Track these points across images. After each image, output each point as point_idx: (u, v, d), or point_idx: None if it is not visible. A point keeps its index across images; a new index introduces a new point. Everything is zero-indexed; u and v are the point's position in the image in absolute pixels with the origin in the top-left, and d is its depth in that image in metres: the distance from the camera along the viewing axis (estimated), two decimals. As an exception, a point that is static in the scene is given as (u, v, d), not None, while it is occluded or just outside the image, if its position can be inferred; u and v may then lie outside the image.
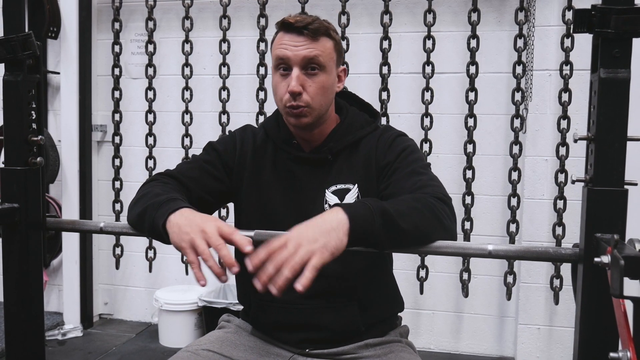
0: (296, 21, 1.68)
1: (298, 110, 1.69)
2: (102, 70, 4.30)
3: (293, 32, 1.69)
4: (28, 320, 1.72)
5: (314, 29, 1.68)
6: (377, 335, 1.81)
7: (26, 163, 1.69)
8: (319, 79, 1.70)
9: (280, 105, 1.75)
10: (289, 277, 1.26)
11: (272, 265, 1.27)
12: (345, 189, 1.76)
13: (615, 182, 1.29)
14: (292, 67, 1.69)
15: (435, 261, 3.87)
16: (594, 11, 1.28)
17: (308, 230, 1.33)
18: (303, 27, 1.67)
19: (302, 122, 1.72)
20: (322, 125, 1.79)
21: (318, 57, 1.69)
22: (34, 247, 1.71)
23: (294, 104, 1.69)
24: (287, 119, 1.75)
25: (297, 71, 1.68)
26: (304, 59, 1.68)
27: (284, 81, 1.71)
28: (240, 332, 1.87)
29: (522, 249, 1.48)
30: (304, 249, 1.28)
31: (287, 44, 1.69)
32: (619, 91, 1.28)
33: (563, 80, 3.41)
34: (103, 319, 4.50)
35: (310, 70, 1.69)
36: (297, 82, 1.67)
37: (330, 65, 1.74)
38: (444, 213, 1.48)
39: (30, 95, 1.70)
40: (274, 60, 1.73)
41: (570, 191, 3.44)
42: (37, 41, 1.67)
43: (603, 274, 1.14)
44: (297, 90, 1.67)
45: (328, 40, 1.73)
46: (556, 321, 3.73)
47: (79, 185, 4.19)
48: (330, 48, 1.73)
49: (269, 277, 1.27)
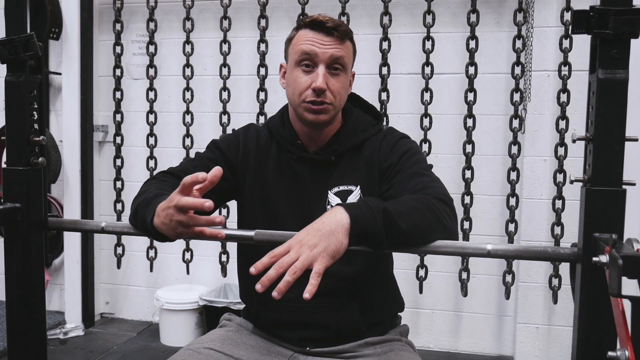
0: (327, 21, 1.70)
1: (321, 106, 1.70)
2: (103, 71, 4.31)
3: (322, 32, 1.70)
4: (30, 320, 1.73)
5: (343, 31, 1.71)
6: (377, 334, 1.82)
7: (28, 163, 1.69)
8: (340, 78, 1.73)
9: (298, 100, 1.74)
10: (290, 281, 1.28)
11: (274, 270, 1.29)
12: (348, 191, 1.76)
13: (614, 182, 1.29)
14: (318, 64, 1.70)
15: (435, 261, 3.87)
16: (593, 12, 1.28)
17: (309, 236, 1.34)
18: (333, 28, 1.70)
19: (321, 118, 1.72)
20: (330, 125, 1.80)
21: (344, 58, 1.72)
22: (35, 247, 1.72)
23: (317, 99, 1.70)
24: (303, 114, 1.74)
25: (323, 69, 1.70)
26: (331, 57, 1.70)
27: (307, 76, 1.71)
28: (241, 331, 1.87)
29: (521, 249, 1.48)
30: (305, 255, 1.30)
31: (315, 42, 1.70)
32: (617, 92, 1.28)
33: (561, 81, 3.41)
34: (104, 318, 4.50)
35: (333, 69, 1.71)
36: (323, 80, 1.69)
37: (349, 68, 1.77)
38: (444, 213, 1.48)
39: (32, 95, 1.70)
40: (298, 55, 1.73)
41: (569, 191, 3.44)
42: (39, 42, 1.67)
43: (601, 274, 1.14)
44: (323, 87, 1.68)
45: (350, 45, 1.76)
46: (555, 320, 3.73)
47: (80, 185, 4.19)
48: (351, 51, 1.78)
49: (270, 280, 1.28)
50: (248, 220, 1.83)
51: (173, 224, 1.43)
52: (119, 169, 4.15)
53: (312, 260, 1.30)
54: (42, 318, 1.78)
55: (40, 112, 1.73)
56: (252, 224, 1.77)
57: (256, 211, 1.81)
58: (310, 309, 1.75)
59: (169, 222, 1.44)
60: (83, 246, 4.24)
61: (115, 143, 4.15)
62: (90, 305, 4.35)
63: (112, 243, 4.25)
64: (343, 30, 1.71)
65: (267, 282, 1.28)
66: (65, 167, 4.16)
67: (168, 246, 4.13)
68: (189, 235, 1.45)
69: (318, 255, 1.31)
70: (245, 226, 1.82)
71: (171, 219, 1.43)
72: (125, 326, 4.36)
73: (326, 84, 1.69)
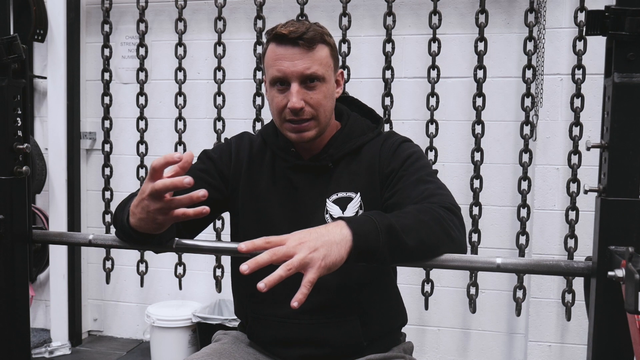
0: (290, 32, 1.66)
1: (301, 125, 1.70)
2: (91, 75, 4.31)
3: (287, 44, 1.68)
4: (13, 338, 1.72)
5: (309, 38, 1.67)
6: (379, 351, 1.81)
7: (11, 172, 1.69)
8: (319, 89, 1.71)
9: (279, 121, 1.75)
10: (283, 276, 1.23)
11: (267, 255, 1.25)
12: (347, 198, 1.75)
13: (630, 192, 1.29)
14: (291, 82, 1.68)
15: (441, 275, 3.86)
16: (608, 12, 1.28)
17: (311, 236, 1.31)
18: (297, 38, 1.66)
19: (305, 136, 1.72)
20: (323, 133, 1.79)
21: (317, 72, 1.69)
22: (19, 261, 1.71)
23: (295, 118, 1.69)
24: (286, 134, 1.75)
25: (296, 86, 1.68)
26: (302, 75, 1.68)
27: (282, 95, 1.71)
28: (237, 344, 1.87)
29: (532, 262, 1.48)
30: (303, 254, 1.26)
31: (283, 59, 1.68)
32: (634, 96, 1.28)
33: (575, 85, 3.41)
34: (92, 336, 4.49)
35: (309, 82, 1.69)
36: (298, 98, 1.67)
37: (329, 74, 1.74)
38: (452, 225, 1.48)
39: (16, 101, 1.70)
40: (270, 78, 1.72)
41: (583, 201, 3.44)
42: (23, 44, 1.67)
43: (617, 289, 1.13)
44: (298, 107, 1.67)
45: (324, 48, 1.72)
46: (568, 338, 3.72)
47: (66, 195, 4.19)
48: (327, 56, 1.73)
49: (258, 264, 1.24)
50: (242, 232, 1.83)
51: (152, 215, 1.40)
52: (107, 179, 4.15)
53: (309, 264, 1.26)
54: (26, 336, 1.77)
55: (24, 119, 1.73)
56: (246, 237, 1.76)
57: (250, 223, 1.81)
58: (308, 325, 1.74)
59: (145, 215, 1.41)
60: (70, 260, 4.23)
61: (104, 151, 4.15)
62: (78, 322, 4.33)
63: (100, 257, 4.25)
64: (309, 37, 1.67)
65: (255, 265, 1.24)
66: (51, 177, 4.16)
67: (160, 260, 4.13)
68: (171, 220, 1.41)
69: (317, 261, 1.27)
70: (239, 239, 1.82)
71: (148, 210, 1.39)
72: (115, 344, 4.35)
73: (303, 100, 1.68)
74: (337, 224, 1.36)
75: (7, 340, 1.70)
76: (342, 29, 3.61)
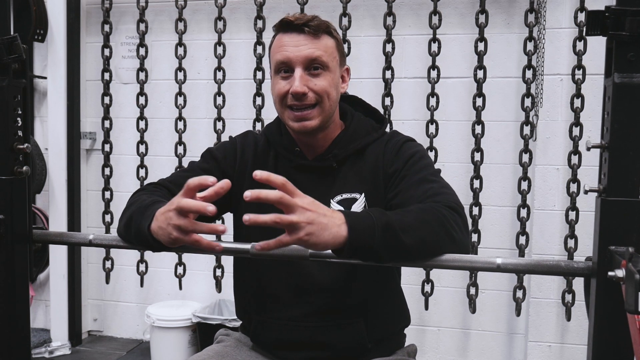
0: (296, 19, 1.68)
1: (303, 112, 1.69)
2: (91, 75, 4.31)
3: (293, 31, 1.69)
4: (13, 338, 1.72)
5: (315, 26, 1.68)
6: (383, 354, 1.81)
7: (12, 172, 1.69)
8: (324, 77, 1.70)
9: (281, 109, 1.74)
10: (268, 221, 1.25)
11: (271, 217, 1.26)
12: (352, 199, 1.74)
13: (631, 192, 1.29)
14: (295, 67, 1.68)
15: (441, 275, 3.86)
16: (608, 12, 1.28)
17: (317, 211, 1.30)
18: (303, 25, 1.67)
19: (307, 126, 1.70)
20: (326, 130, 1.77)
21: (321, 57, 1.69)
22: (19, 261, 1.71)
23: (298, 104, 1.68)
24: (289, 124, 1.73)
25: (299, 71, 1.68)
26: (307, 59, 1.68)
27: (285, 82, 1.70)
28: (240, 347, 1.86)
29: (532, 263, 1.48)
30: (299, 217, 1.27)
31: (288, 45, 1.68)
32: (634, 97, 1.28)
33: (575, 85, 3.41)
34: (92, 336, 4.49)
35: (313, 70, 1.69)
36: (300, 82, 1.67)
37: (334, 65, 1.73)
38: (455, 225, 1.46)
39: (16, 101, 1.70)
40: (275, 65, 1.72)
41: (583, 202, 3.44)
42: (23, 44, 1.67)
43: (617, 289, 1.13)
44: (301, 91, 1.66)
45: (329, 39, 1.73)
46: (568, 338, 3.72)
47: (66, 195, 4.19)
48: (333, 47, 1.74)
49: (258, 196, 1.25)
50: (244, 232, 1.81)
51: (169, 229, 1.38)
52: (107, 179, 4.15)
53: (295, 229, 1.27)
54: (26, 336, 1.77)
55: (25, 119, 1.73)
56: (249, 238, 1.75)
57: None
58: (312, 328, 1.74)
59: (165, 226, 1.39)
60: (70, 260, 4.23)
61: (104, 151, 4.15)
62: (78, 322, 4.33)
63: (100, 257, 4.25)
64: (315, 25, 1.69)
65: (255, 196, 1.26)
66: (51, 177, 4.16)
67: (159, 260, 4.13)
68: (183, 242, 1.39)
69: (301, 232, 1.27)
70: (242, 239, 1.81)
71: (169, 222, 1.37)
72: (114, 344, 4.35)
73: (307, 86, 1.67)
74: (340, 216, 1.34)
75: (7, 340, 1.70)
76: (342, 29, 3.62)
